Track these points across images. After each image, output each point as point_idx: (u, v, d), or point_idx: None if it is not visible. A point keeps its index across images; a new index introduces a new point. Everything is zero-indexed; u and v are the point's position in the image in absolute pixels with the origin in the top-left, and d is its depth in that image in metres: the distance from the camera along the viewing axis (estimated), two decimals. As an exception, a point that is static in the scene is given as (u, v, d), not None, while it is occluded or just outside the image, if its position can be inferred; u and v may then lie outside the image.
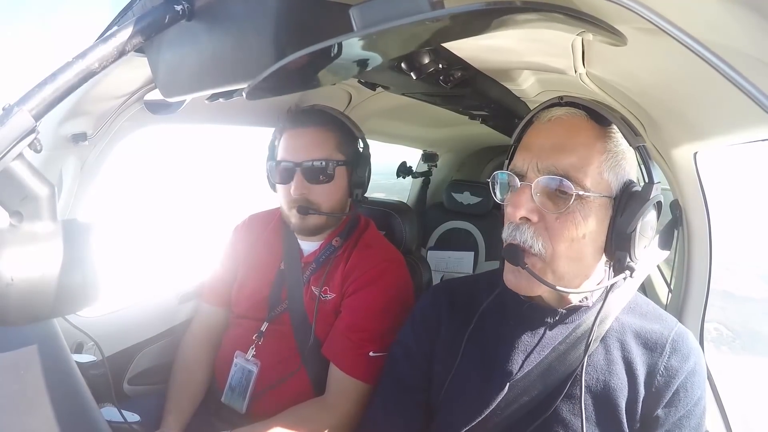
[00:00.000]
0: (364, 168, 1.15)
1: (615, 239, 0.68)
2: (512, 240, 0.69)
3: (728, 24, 0.45)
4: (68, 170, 1.00)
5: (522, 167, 0.70)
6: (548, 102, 0.74)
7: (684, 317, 1.13)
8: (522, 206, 0.67)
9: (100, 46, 0.48)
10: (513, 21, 0.43)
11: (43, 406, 0.51)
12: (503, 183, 0.73)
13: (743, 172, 9.04)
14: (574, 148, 0.67)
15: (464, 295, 0.85)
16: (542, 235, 0.67)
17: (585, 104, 0.70)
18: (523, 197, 0.68)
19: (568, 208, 0.66)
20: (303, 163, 1.07)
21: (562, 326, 0.76)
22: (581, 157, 0.67)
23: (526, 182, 0.69)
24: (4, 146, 0.43)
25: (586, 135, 0.69)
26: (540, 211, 0.67)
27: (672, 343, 0.73)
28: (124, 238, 5.65)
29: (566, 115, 0.71)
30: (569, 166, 0.66)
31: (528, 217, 0.67)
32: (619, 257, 0.68)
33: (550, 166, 0.67)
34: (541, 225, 0.68)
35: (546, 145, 0.69)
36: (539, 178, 0.67)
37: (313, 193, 1.08)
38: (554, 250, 0.67)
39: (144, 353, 1.26)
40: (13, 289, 0.44)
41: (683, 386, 0.71)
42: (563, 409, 0.72)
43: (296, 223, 1.10)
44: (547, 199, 0.67)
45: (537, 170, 0.68)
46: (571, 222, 0.66)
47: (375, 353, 1.01)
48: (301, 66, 0.48)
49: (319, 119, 1.12)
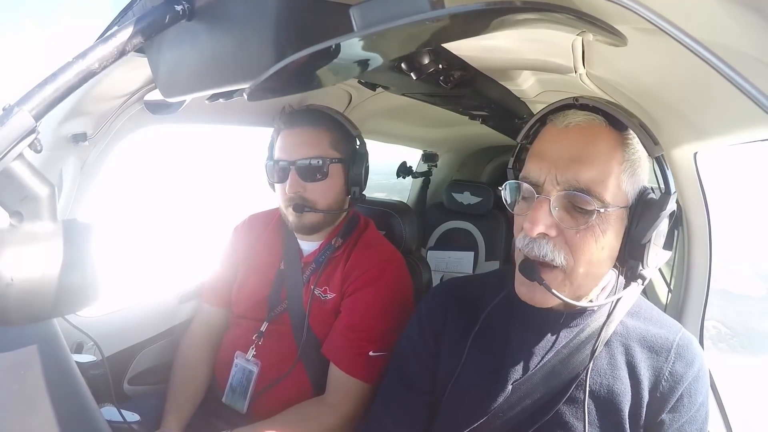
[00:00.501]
0: (361, 165, 1.15)
1: (629, 248, 0.67)
2: (530, 253, 0.66)
3: (728, 24, 0.45)
4: (68, 170, 1.00)
5: (538, 177, 0.66)
6: (561, 102, 0.70)
7: (684, 317, 1.13)
8: (540, 222, 0.64)
9: (100, 46, 0.48)
10: (513, 21, 0.43)
11: (43, 406, 0.51)
12: (517, 191, 0.69)
13: (742, 172, 9.04)
14: (594, 160, 0.64)
15: (471, 294, 0.85)
16: (563, 248, 0.65)
17: (603, 108, 0.67)
18: (540, 212, 0.65)
19: (588, 223, 0.64)
20: (297, 162, 1.08)
21: (566, 329, 0.75)
22: (601, 171, 0.64)
23: (543, 196, 0.65)
24: (5, 146, 0.43)
25: (606, 144, 0.66)
26: (558, 226, 0.65)
27: (677, 349, 0.72)
28: (124, 238, 5.65)
29: (585, 121, 0.67)
30: (590, 181, 0.63)
31: (546, 233, 0.65)
32: (632, 266, 0.67)
33: (571, 179, 0.64)
34: (560, 239, 0.65)
35: (564, 155, 0.65)
36: (560, 194, 0.64)
37: (309, 191, 1.09)
38: (576, 263, 0.65)
39: (144, 353, 1.26)
40: (13, 289, 0.44)
41: (687, 392, 0.70)
42: (566, 413, 0.72)
43: (293, 221, 1.10)
44: (566, 214, 0.65)
45: (556, 183, 0.65)
46: (591, 236, 0.64)
47: (375, 353, 1.01)
48: (302, 67, 0.48)
49: (313, 118, 1.13)
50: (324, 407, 1.00)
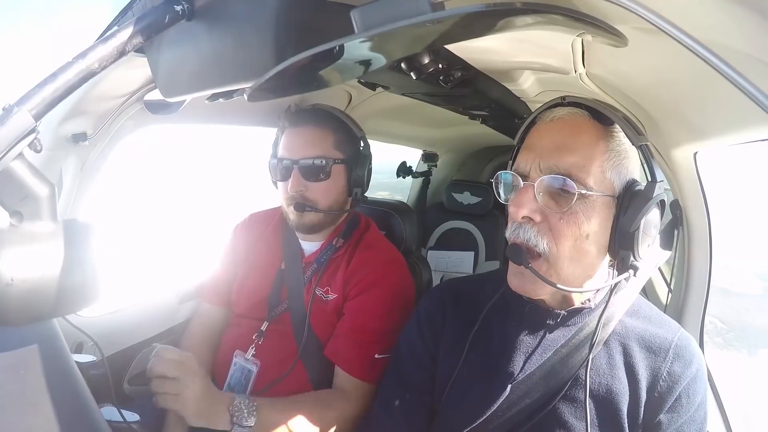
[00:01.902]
0: (364, 167, 1.15)
1: (618, 238, 0.68)
2: (516, 238, 0.69)
3: (728, 24, 0.45)
4: (68, 170, 1.00)
5: (525, 167, 0.70)
6: (551, 102, 0.74)
7: (684, 317, 1.13)
8: (525, 206, 0.67)
9: (100, 46, 0.48)
10: (514, 22, 0.43)
11: (43, 406, 0.51)
12: (507, 183, 0.73)
13: (741, 172, 9.05)
14: (577, 148, 0.68)
15: (468, 295, 0.85)
16: (546, 234, 0.67)
17: (587, 104, 0.71)
18: (525, 197, 0.68)
19: (571, 207, 0.66)
20: (300, 161, 1.08)
21: (564, 328, 0.76)
22: (583, 157, 0.67)
23: (529, 182, 0.69)
24: (4, 146, 0.43)
25: (588, 134, 0.69)
26: (543, 211, 0.68)
27: (675, 348, 0.72)
28: (124, 238, 5.65)
29: (568, 115, 0.71)
30: (571, 166, 0.67)
31: (531, 217, 0.67)
32: (623, 256, 0.68)
33: (552, 165, 0.67)
34: (545, 225, 0.68)
35: (548, 144, 0.69)
36: (542, 177, 0.67)
37: (311, 190, 1.09)
38: (558, 249, 0.67)
39: (144, 353, 1.25)
40: (13, 290, 0.44)
41: (685, 392, 0.71)
42: (565, 412, 0.72)
43: (294, 219, 1.11)
44: (549, 199, 0.68)
45: (539, 170, 0.68)
46: (574, 221, 0.66)
47: (380, 355, 1.01)
48: (303, 68, 0.48)
49: (318, 118, 1.13)
50: (343, 400, 1.00)
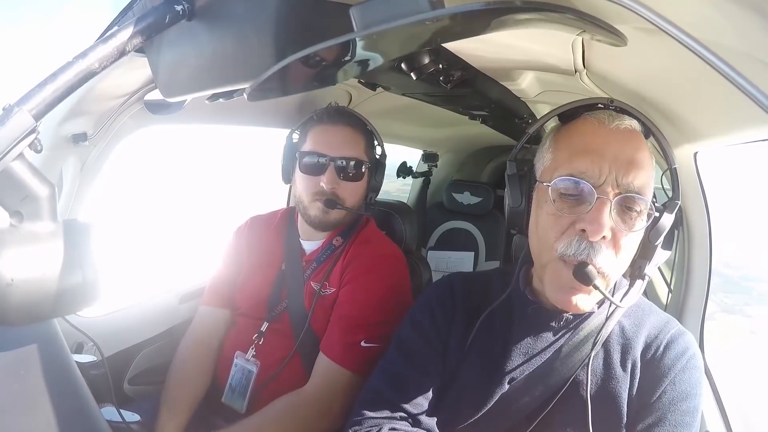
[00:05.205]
0: (382, 174, 1.21)
1: (642, 248, 0.69)
2: (586, 259, 0.64)
3: (728, 24, 0.45)
4: (68, 170, 1.00)
5: (596, 176, 0.64)
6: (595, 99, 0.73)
7: (684, 317, 1.13)
8: (606, 225, 0.62)
9: (100, 46, 0.48)
10: (513, 21, 0.43)
11: (43, 406, 0.51)
12: (569, 188, 0.66)
13: (741, 172, 9.04)
14: (644, 165, 0.66)
15: (479, 289, 0.84)
16: (611, 252, 0.65)
17: (637, 116, 0.70)
18: (604, 214, 0.63)
19: (636, 225, 0.66)
20: (337, 159, 1.10)
21: (565, 330, 0.76)
22: (648, 175, 0.67)
23: (605, 197, 0.64)
24: (5, 146, 0.43)
25: (646, 150, 0.69)
26: (612, 229, 0.65)
27: (669, 339, 0.73)
28: (125, 238, 5.65)
29: (631, 126, 0.69)
30: (642, 186, 0.65)
31: (605, 235, 0.64)
32: (640, 264, 0.70)
33: (630, 183, 0.64)
34: (611, 242, 0.65)
35: (622, 157, 0.65)
36: (621, 196, 0.64)
37: (342, 188, 1.11)
38: (618, 267, 0.67)
39: (144, 353, 1.26)
40: (13, 290, 0.44)
41: (672, 381, 0.70)
42: (564, 411, 0.72)
43: (317, 215, 1.10)
44: (619, 216, 0.65)
45: (616, 185, 0.64)
46: (637, 240, 0.67)
47: (367, 344, 0.99)
48: (302, 67, 0.48)
49: (353, 120, 1.17)
50: (300, 398, 0.98)
